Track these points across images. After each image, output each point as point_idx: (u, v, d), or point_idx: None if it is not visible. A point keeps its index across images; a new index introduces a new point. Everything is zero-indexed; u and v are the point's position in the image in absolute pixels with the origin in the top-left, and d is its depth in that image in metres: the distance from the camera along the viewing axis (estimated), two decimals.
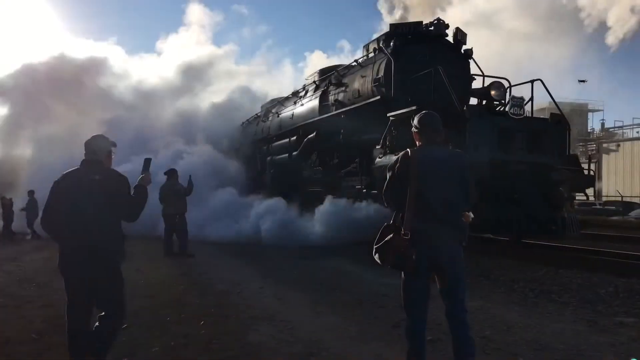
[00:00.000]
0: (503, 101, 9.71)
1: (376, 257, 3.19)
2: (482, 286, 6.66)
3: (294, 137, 15.08)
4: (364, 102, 11.41)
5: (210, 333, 4.43)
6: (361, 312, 5.22)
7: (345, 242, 10.12)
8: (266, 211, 12.70)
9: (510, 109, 9.18)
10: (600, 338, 4.31)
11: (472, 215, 3.18)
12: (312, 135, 13.88)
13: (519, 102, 9.25)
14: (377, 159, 10.12)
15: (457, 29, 11.40)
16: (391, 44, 11.11)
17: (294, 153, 14.90)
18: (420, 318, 3.16)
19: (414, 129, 3.36)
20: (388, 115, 9.90)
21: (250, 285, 6.65)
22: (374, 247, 3.19)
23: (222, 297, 5.93)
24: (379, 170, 9.76)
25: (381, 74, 10.98)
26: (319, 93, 14.12)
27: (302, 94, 15.94)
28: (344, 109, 12.23)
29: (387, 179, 3.34)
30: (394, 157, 8.86)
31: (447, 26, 11.34)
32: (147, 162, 3.75)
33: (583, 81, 40.87)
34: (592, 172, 9.94)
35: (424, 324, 3.18)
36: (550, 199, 8.79)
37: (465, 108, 9.04)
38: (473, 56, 11.33)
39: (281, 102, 17.88)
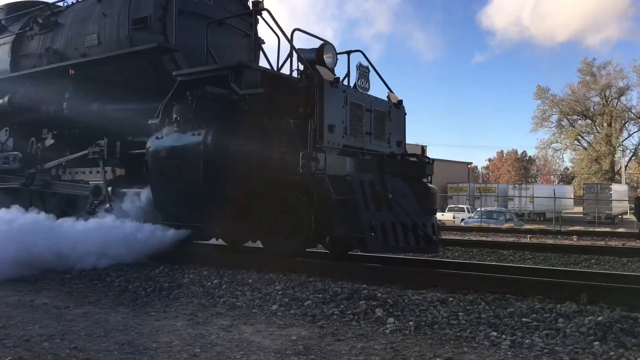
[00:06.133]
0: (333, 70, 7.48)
1: None
2: (95, 290, 6.37)
3: None
4: (117, 52, 7.98)
5: None
6: None
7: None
8: None
9: (357, 80, 7.34)
10: (195, 331, 4.53)
11: None
12: None
13: (365, 72, 7.45)
14: (153, 140, 7.27)
15: None
16: None
17: None
18: None
19: None
20: (176, 73, 7.32)
21: None
22: None
23: None
24: (155, 158, 7.21)
25: (149, 11, 7.84)
26: (9, 38, 9.87)
27: None
28: (70, 62, 8.57)
29: None
30: (191, 137, 6.58)
31: None
32: None
33: None
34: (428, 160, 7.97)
35: None
36: (425, 201, 7.19)
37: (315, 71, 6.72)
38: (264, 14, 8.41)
39: None
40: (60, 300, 5.73)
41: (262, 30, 9.62)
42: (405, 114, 8.26)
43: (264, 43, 8.57)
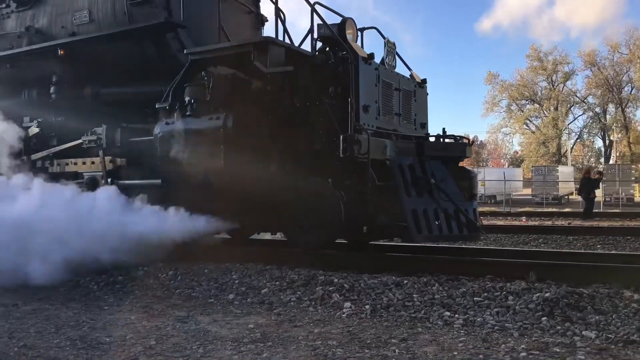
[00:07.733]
0: None
1: None
2: (45, 286, 6.18)
3: None
4: (117, 30, 7.24)
5: None
6: None
7: None
8: None
9: (386, 57, 6.88)
10: (149, 323, 4.46)
11: None
12: None
13: (393, 48, 7.03)
14: (162, 125, 6.71)
15: None
16: None
17: None
18: None
19: None
20: (188, 52, 6.69)
21: None
22: None
23: None
24: (165, 145, 6.63)
25: None
26: None
27: None
28: (59, 42, 7.73)
29: None
30: (209, 121, 6.00)
31: None
32: None
33: None
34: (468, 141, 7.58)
35: None
36: (466, 185, 6.77)
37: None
38: None
39: None
40: (7, 298, 5.53)
41: (264, 8, 9.11)
42: (427, 94, 7.79)
43: (267, 21, 8.08)
